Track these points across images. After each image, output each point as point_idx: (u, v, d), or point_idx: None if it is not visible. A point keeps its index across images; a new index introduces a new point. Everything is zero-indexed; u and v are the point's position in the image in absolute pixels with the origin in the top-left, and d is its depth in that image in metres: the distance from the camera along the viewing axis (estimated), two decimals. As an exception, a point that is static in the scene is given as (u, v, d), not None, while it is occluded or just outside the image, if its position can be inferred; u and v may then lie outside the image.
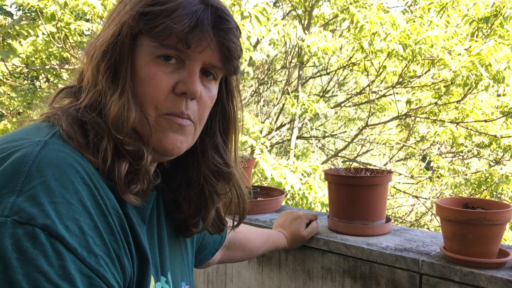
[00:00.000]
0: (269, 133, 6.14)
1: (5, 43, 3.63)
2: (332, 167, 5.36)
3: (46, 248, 0.57)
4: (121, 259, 0.65)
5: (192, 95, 0.75)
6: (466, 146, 5.51)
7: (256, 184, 3.21)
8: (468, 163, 6.72)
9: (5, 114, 5.99)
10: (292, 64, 6.10)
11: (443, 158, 6.13)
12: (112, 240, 0.64)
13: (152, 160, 0.75)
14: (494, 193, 5.24)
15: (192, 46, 0.72)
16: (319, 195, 3.80)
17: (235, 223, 0.96)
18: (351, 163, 6.11)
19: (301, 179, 3.84)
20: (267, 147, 4.47)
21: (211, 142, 0.85)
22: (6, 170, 0.60)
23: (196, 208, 0.86)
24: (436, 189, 6.53)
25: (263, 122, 5.70)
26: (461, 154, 6.22)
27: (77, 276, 0.58)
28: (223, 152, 0.86)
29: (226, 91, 0.85)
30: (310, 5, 5.66)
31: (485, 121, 5.23)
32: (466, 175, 5.93)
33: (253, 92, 6.75)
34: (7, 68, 4.45)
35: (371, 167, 5.65)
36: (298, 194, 3.77)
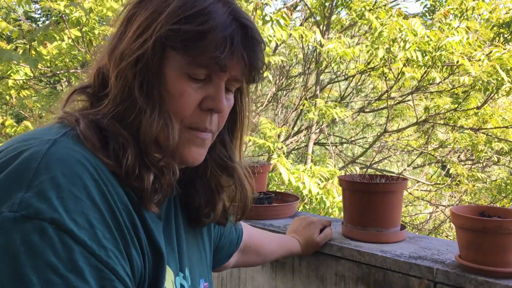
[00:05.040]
0: (287, 138, 6.14)
1: (32, 50, 3.71)
2: (348, 173, 5.33)
3: (54, 241, 0.58)
4: (129, 254, 0.66)
5: (219, 112, 0.78)
6: (486, 153, 5.41)
7: (272, 190, 3.22)
8: (488, 171, 6.60)
9: (28, 117, 6.12)
10: (310, 70, 6.10)
11: (463, 165, 6.04)
12: (120, 236, 0.65)
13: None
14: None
15: (224, 68, 0.74)
16: (337, 200, 3.78)
17: (238, 217, 0.97)
18: (367, 169, 6.06)
19: (318, 184, 3.83)
20: (284, 153, 4.47)
21: (219, 137, 0.86)
22: (15, 168, 0.62)
23: (205, 200, 0.89)
24: (455, 197, 6.43)
25: (281, 127, 5.71)
26: (480, 161, 6.12)
27: (86, 268, 0.59)
28: (229, 148, 0.89)
29: (238, 91, 0.87)
30: (329, 11, 5.66)
31: (506, 127, 5.14)
32: (485, 182, 5.83)
33: (270, 98, 6.75)
34: (31, 71, 4.54)
35: (389, 173, 5.60)
36: (316, 199, 3.76)
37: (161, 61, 0.72)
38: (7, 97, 4.85)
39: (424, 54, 4.30)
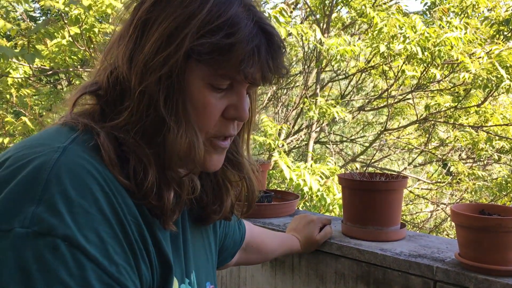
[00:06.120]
0: (287, 137, 6.13)
1: (30, 46, 3.71)
2: (348, 171, 5.32)
3: (67, 258, 0.58)
4: (138, 268, 0.66)
5: (242, 120, 0.77)
6: (487, 151, 5.41)
7: (273, 188, 3.22)
8: (489, 169, 6.59)
9: (27, 115, 6.11)
10: (310, 68, 6.08)
11: (464, 163, 6.03)
12: (130, 249, 0.65)
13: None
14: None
15: (250, 79, 0.73)
16: (337, 197, 3.78)
17: (244, 211, 0.96)
18: (367, 167, 6.05)
19: (319, 181, 3.82)
20: (285, 151, 4.46)
21: None
22: (25, 178, 0.61)
23: (213, 197, 0.88)
24: (456, 195, 6.42)
25: (281, 126, 5.70)
26: (481, 160, 6.12)
27: (98, 285, 0.59)
28: (238, 143, 0.88)
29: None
30: (329, 9, 5.65)
31: (506, 125, 5.14)
32: (486, 180, 5.82)
33: (271, 97, 6.75)
34: (31, 69, 4.53)
35: (389, 172, 5.59)
36: (317, 196, 3.75)
37: (184, 74, 0.70)
38: (7, 96, 4.84)
39: (423, 50, 4.29)
